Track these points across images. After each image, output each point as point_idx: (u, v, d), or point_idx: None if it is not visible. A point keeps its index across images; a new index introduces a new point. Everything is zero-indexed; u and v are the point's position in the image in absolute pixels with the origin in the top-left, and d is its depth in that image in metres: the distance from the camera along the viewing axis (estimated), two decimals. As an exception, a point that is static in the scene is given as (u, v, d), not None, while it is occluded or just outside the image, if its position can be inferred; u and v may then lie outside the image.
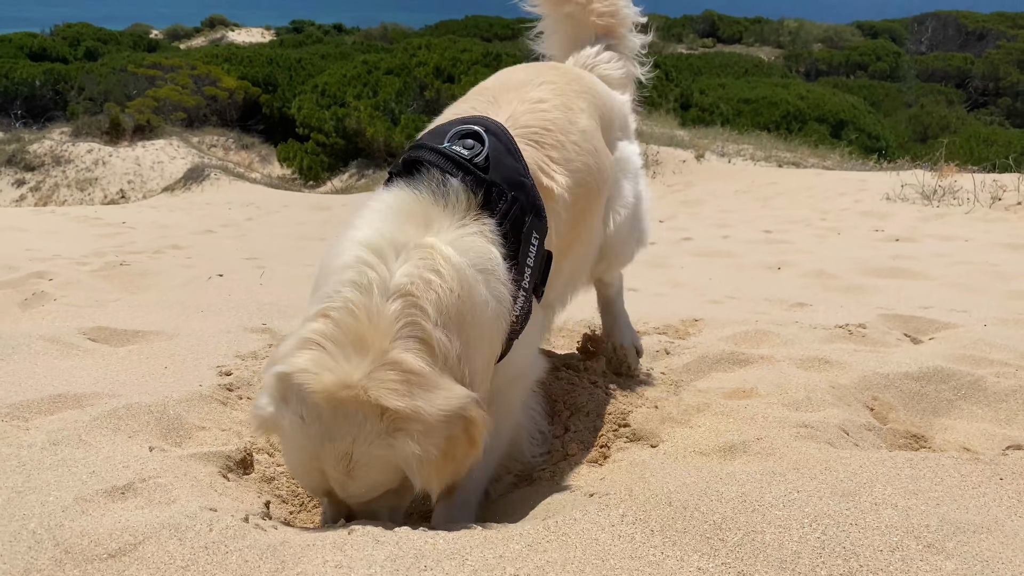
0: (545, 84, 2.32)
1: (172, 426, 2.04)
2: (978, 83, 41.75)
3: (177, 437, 2.02)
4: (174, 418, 2.07)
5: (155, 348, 2.85)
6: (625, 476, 1.82)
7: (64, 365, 2.58)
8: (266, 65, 32.92)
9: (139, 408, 2.06)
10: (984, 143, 29.69)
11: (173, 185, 20.67)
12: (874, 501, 1.61)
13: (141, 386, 2.34)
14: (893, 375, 2.72)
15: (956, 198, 10.86)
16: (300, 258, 7.09)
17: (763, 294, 5.16)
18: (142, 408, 2.07)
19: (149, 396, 2.18)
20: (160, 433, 2.01)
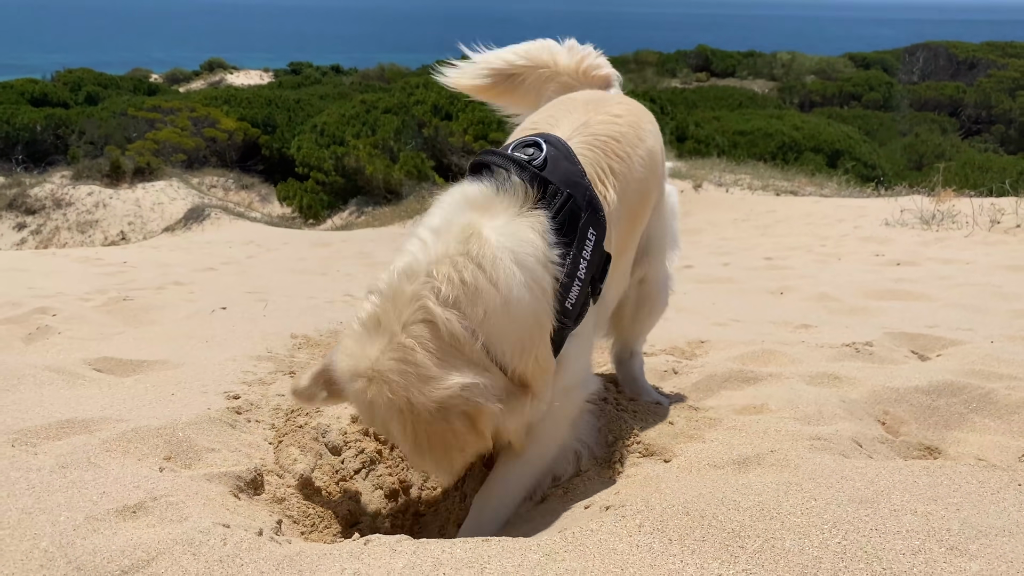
0: (622, 104, 2.48)
1: (181, 448, 2.03)
2: (971, 111, 42.18)
3: (187, 459, 2.00)
4: (183, 440, 2.06)
5: (161, 377, 2.84)
6: (640, 489, 1.80)
7: (70, 394, 2.56)
8: (265, 106, 33.26)
9: (148, 431, 2.05)
10: (979, 170, 29.90)
11: (173, 225, 20.76)
12: (893, 508, 1.60)
13: (149, 411, 2.32)
14: (904, 389, 2.71)
15: (955, 222, 10.90)
16: (302, 291, 7.10)
17: (767, 317, 5.16)
18: (151, 431, 2.05)
19: (157, 420, 2.17)
20: (170, 455, 1.99)
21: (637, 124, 2.42)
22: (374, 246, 13.45)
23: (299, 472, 2.09)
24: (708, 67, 53.25)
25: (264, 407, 2.41)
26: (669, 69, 51.41)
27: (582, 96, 2.55)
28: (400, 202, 22.58)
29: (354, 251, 12.76)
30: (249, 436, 2.22)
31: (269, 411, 2.39)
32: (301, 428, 2.26)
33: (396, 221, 18.81)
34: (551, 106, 2.51)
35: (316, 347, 3.71)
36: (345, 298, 6.26)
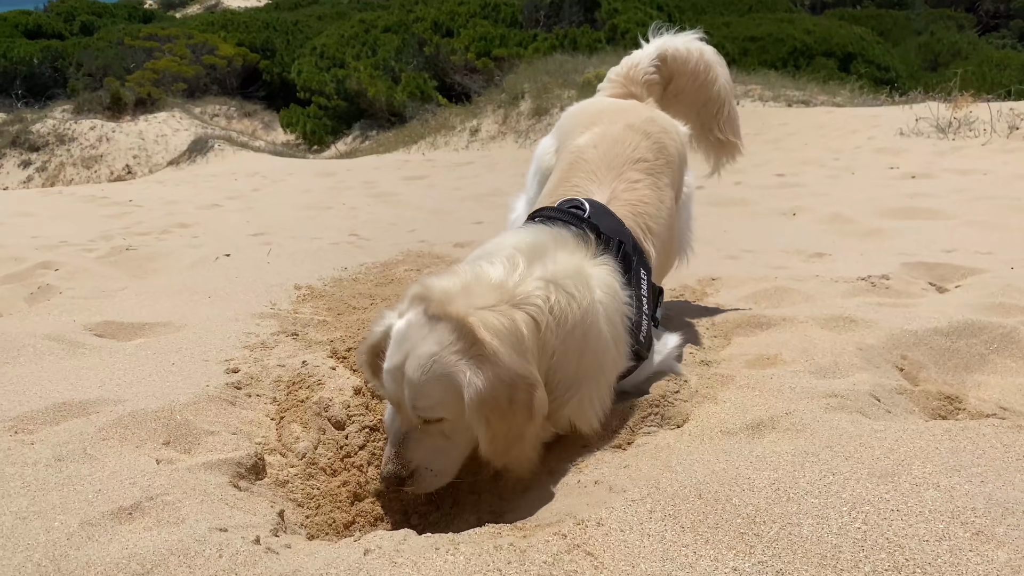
0: (640, 162, 2.65)
1: (180, 432, 1.98)
2: (989, 5, 40.72)
3: (186, 443, 1.95)
4: (181, 423, 2.01)
5: (163, 342, 2.79)
6: (650, 464, 1.75)
7: (70, 366, 2.52)
8: (263, 30, 32.49)
9: (145, 415, 2.00)
10: (997, 67, 29.03)
11: (178, 159, 20.55)
12: (914, 481, 1.53)
13: (147, 387, 2.27)
14: (922, 332, 2.63)
15: (972, 130, 10.60)
16: (307, 230, 7.01)
17: (780, 245, 5.05)
18: (148, 415, 2.00)
19: (155, 400, 2.12)
20: (168, 439, 1.95)
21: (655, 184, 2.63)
22: (378, 174, 13.27)
23: (301, 451, 2.04)
24: (716, -31, 51.42)
25: (265, 380, 2.36)
26: (676, -27, 49.66)
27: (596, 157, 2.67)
28: (404, 125, 22.21)
29: (359, 180, 12.60)
30: (250, 413, 2.18)
31: (270, 384, 2.34)
32: (303, 403, 2.21)
33: (400, 146, 18.53)
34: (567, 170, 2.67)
35: (320, 298, 3.65)
36: (351, 239, 6.18)
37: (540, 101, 16.12)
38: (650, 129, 2.77)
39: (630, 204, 2.49)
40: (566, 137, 2.85)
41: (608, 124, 2.76)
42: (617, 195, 2.51)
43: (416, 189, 10.82)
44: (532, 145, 14.83)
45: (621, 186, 2.55)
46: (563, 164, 2.70)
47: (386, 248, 5.45)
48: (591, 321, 1.98)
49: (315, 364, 2.40)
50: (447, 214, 8.04)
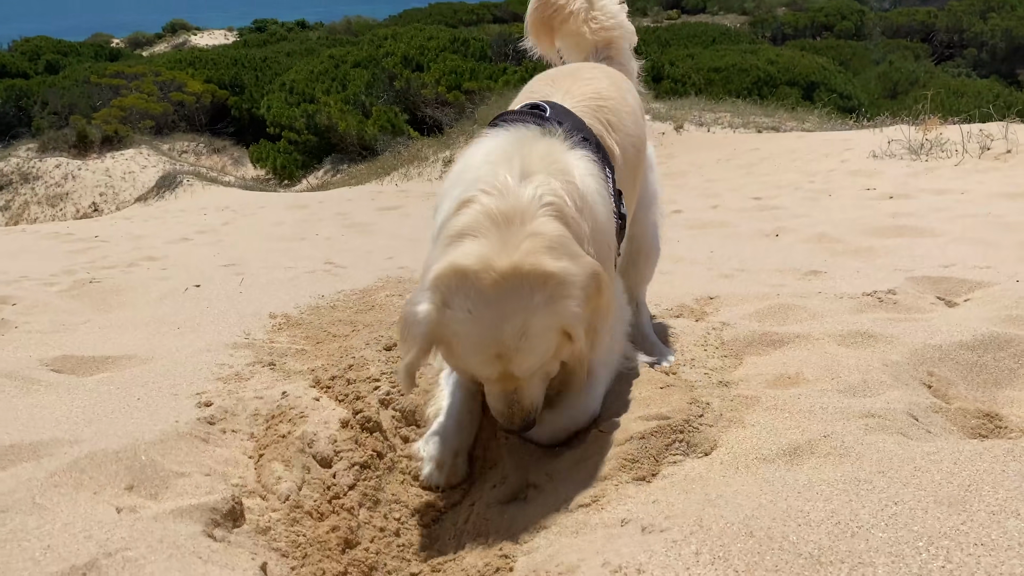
0: (596, 70, 2.67)
1: (145, 475, 1.74)
2: (943, 36, 41.81)
3: (152, 487, 1.71)
4: (147, 464, 1.77)
5: (127, 376, 2.54)
6: (684, 498, 1.55)
7: (22, 404, 2.27)
8: (231, 66, 32.34)
9: (105, 456, 1.76)
10: (955, 95, 29.71)
11: (146, 194, 20.20)
12: (990, 509, 1.35)
13: (109, 426, 2.03)
14: (947, 346, 2.46)
15: (944, 151, 10.64)
16: (280, 260, 6.77)
17: (771, 264, 4.91)
18: (109, 455, 1.76)
19: (117, 439, 1.88)
20: (132, 484, 1.71)
21: (616, 86, 2.60)
22: (352, 206, 13.07)
23: (284, 492, 1.81)
24: (679, 4, 52.44)
25: (241, 413, 2.13)
26: (640, 8, 50.53)
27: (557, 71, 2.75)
28: (375, 158, 22.05)
29: (332, 212, 12.38)
30: (225, 451, 1.94)
31: (247, 418, 2.11)
32: (284, 438, 1.98)
33: (372, 178, 18.34)
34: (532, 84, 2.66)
35: (297, 327, 3.42)
36: (327, 267, 5.95)
37: (513, 131, 16.05)
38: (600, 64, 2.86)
39: (587, 98, 2.39)
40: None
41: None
42: (571, 91, 2.43)
43: (391, 219, 10.63)
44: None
45: (577, 86, 2.47)
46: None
47: (364, 275, 5.23)
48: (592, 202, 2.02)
49: (296, 395, 2.17)
50: (424, 241, 7.80)
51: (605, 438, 1.86)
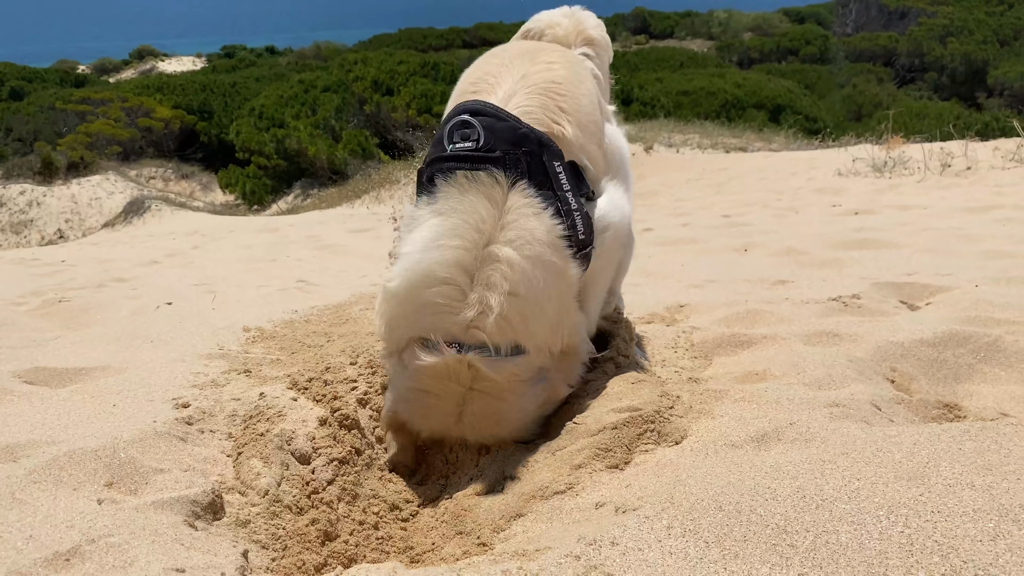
0: (554, 51, 2.58)
1: (125, 471, 1.75)
2: (904, 60, 42.82)
3: (132, 484, 1.73)
4: (126, 461, 1.78)
5: (101, 385, 2.54)
6: (656, 481, 1.59)
7: (-4, 413, 2.26)
8: (200, 92, 32.24)
9: (84, 454, 1.77)
10: (917, 117, 30.43)
11: (113, 220, 20.02)
12: (947, 483, 1.41)
13: (86, 428, 2.03)
14: (909, 343, 2.54)
15: (907, 168, 10.91)
16: (252, 279, 6.75)
17: (740, 275, 5.00)
18: (87, 453, 1.77)
19: (96, 439, 1.88)
20: (111, 480, 1.72)
21: (572, 68, 2.52)
22: (323, 228, 13.05)
23: (263, 488, 1.83)
24: (647, 29, 53.23)
25: (219, 414, 2.14)
26: (609, 33, 51.08)
27: (515, 48, 2.65)
28: (346, 182, 22.05)
29: (303, 235, 12.35)
30: (203, 449, 1.95)
31: (224, 418, 2.12)
32: (263, 436, 2.00)
33: (343, 202, 18.33)
34: (485, 61, 2.57)
35: (271, 340, 3.43)
36: (299, 284, 5.95)
37: (484, 153, 16.17)
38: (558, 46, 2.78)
39: (541, 85, 2.31)
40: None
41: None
42: (530, 75, 2.35)
43: (363, 240, 10.64)
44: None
45: (534, 68, 2.38)
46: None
47: (338, 292, 5.24)
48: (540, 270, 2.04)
49: (274, 396, 2.19)
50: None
51: (579, 429, 1.90)
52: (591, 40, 3.01)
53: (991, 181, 9.38)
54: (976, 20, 44.32)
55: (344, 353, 2.58)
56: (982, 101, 37.94)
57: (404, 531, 1.81)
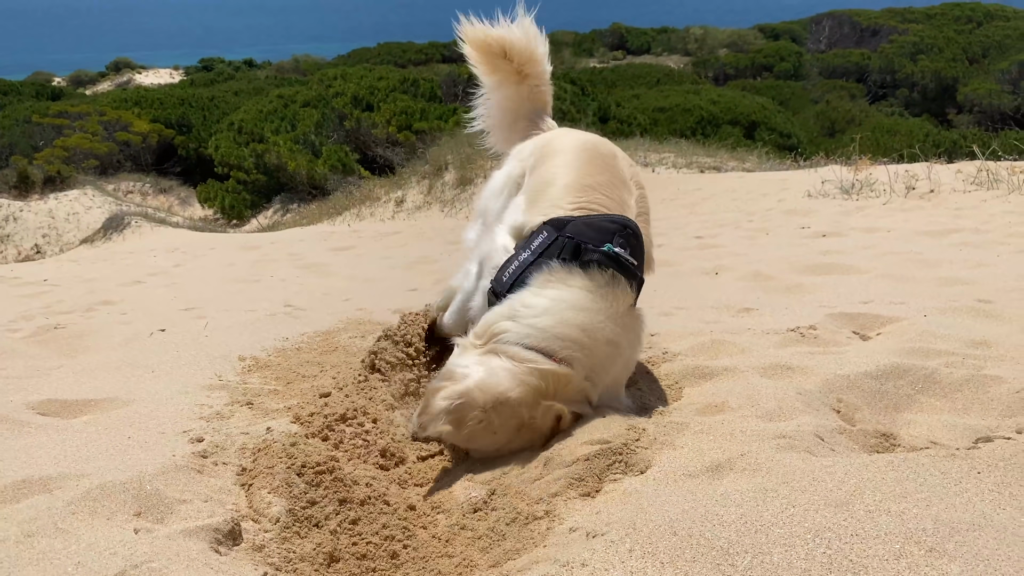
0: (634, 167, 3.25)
1: (152, 502, 1.96)
2: (876, 77, 43.66)
3: (159, 513, 1.94)
4: (152, 493, 1.99)
5: (112, 417, 2.74)
6: (622, 508, 1.83)
7: (19, 445, 2.46)
8: (178, 106, 32.27)
9: (113, 487, 1.98)
10: (888, 133, 31.06)
11: (92, 236, 20.03)
12: (868, 509, 1.65)
13: (109, 461, 2.24)
14: (854, 375, 2.80)
15: (873, 190, 11.27)
16: (239, 303, 6.93)
17: (709, 302, 5.26)
18: (117, 486, 1.98)
19: (121, 472, 2.09)
20: (140, 511, 1.93)
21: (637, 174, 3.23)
22: (304, 246, 13.21)
23: (275, 515, 2.05)
24: (624, 45, 53.83)
25: (229, 447, 2.35)
26: (586, 49, 51.80)
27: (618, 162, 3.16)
28: (326, 198, 22.21)
29: (284, 253, 12.51)
30: (218, 481, 2.17)
31: (235, 451, 2.34)
32: (271, 469, 2.21)
33: (324, 219, 18.50)
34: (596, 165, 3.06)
35: (266, 369, 3.64)
36: (287, 309, 6.15)
37: (464, 171, 16.43)
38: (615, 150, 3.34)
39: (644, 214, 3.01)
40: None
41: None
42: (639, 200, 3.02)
43: (345, 259, 10.83)
44: (458, 214, 15.07)
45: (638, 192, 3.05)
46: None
47: (324, 317, 5.45)
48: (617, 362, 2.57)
49: (280, 430, 2.41)
50: (380, 282, 8.08)
51: (555, 460, 2.14)
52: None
53: (952, 204, 9.75)
54: (946, 38, 45.32)
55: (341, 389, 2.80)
56: (952, 117, 38.76)
57: (394, 558, 2.03)
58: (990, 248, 6.59)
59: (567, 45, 50.98)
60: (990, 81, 38.69)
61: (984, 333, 3.40)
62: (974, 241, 7.18)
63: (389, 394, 2.82)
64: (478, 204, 3.59)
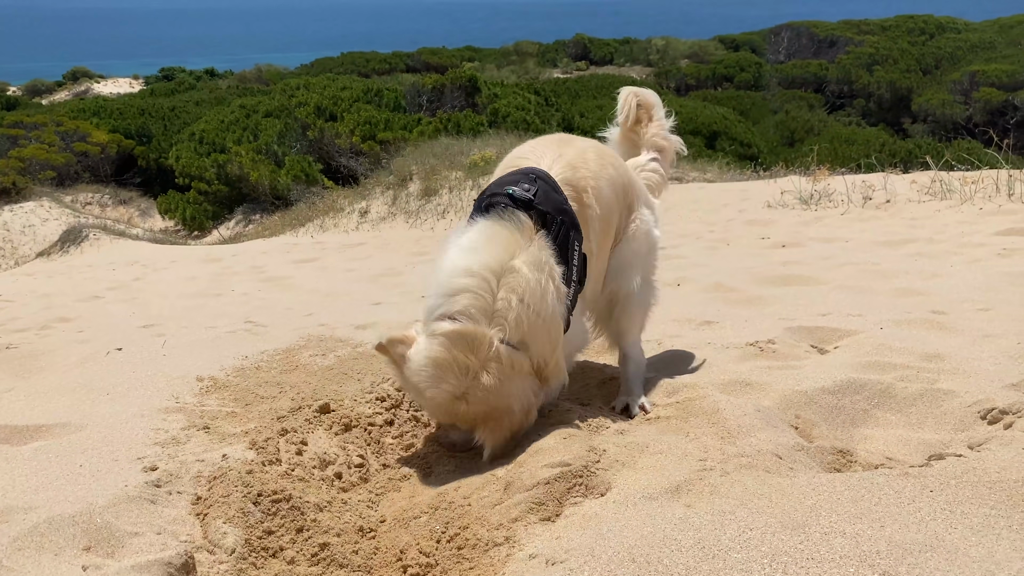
0: (588, 141, 3.24)
1: (102, 535, 1.92)
2: (834, 87, 44.48)
3: (109, 547, 1.89)
4: (102, 526, 1.94)
5: (64, 444, 2.68)
6: (581, 534, 1.82)
7: (-35, 475, 2.39)
8: (138, 116, 31.85)
9: (62, 520, 1.93)
10: (846, 143, 31.63)
11: (49, 249, 19.62)
12: (823, 531, 1.67)
13: (58, 492, 2.19)
14: (811, 391, 2.84)
15: (831, 200, 11.45)
16: (199, 319, 6.84)
17: (671, 314, 5.29)
18: (66, 520, 1.93)
19: (71, 504, 2.04)
20: (89, 545, 1.88)
21: (601, 159, 3.12)
22: (266, 259, 13.07)
23: (230, 546, 2.01)
24: (587, 55, 54.22)
25: (184, 476, 2.31)
26: (550, 59, 52.10)
27: (555, 136, 3.27)
28: (289, 208, 22.01)
29: (246, 266, 12.36)
30: (172, 511, 2.12)
31: (190, 480, 2.29)
32: (226, 498, 2.18)
33: (287, 230, 18.32)
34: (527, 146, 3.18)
35: (225, 389, 3.58)
36: (247, 325, 6.07)
37: (429, 182, 16.40)
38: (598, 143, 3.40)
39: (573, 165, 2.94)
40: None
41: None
42: (564, 155, 2.98)
43: (308, 272, 10.73)
44: (423, 225, 15.03)
45: (571, 151, 3.03)
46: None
47: (285, 334, 5.38)
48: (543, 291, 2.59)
49: (236, 457, 2.37)
50: (343, 296, 8.01)
51: (515, 484, 2.13)
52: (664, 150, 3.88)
53: (908, 214, 9.94)
54: (900, 49, 46.34)
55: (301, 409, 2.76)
56: (907, 126, 39.59)
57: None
58: (944, 258, 6.73)
59: (531, 56, 51.28)
60: (943, 91, 39.61)
61: (937, 346, 3.46)
62: (929, 251, 7.32)
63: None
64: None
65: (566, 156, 2.99)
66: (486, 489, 2.22)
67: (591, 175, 2.98)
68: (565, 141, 3.16)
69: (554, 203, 2.76)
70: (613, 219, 3.11)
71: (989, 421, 2.59)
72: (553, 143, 3.12)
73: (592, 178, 2.98)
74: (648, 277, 3.41)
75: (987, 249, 6.76)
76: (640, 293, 3.30)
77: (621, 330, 3.26)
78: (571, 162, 2.98)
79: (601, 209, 2.98)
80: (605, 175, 3.06)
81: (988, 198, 9.07)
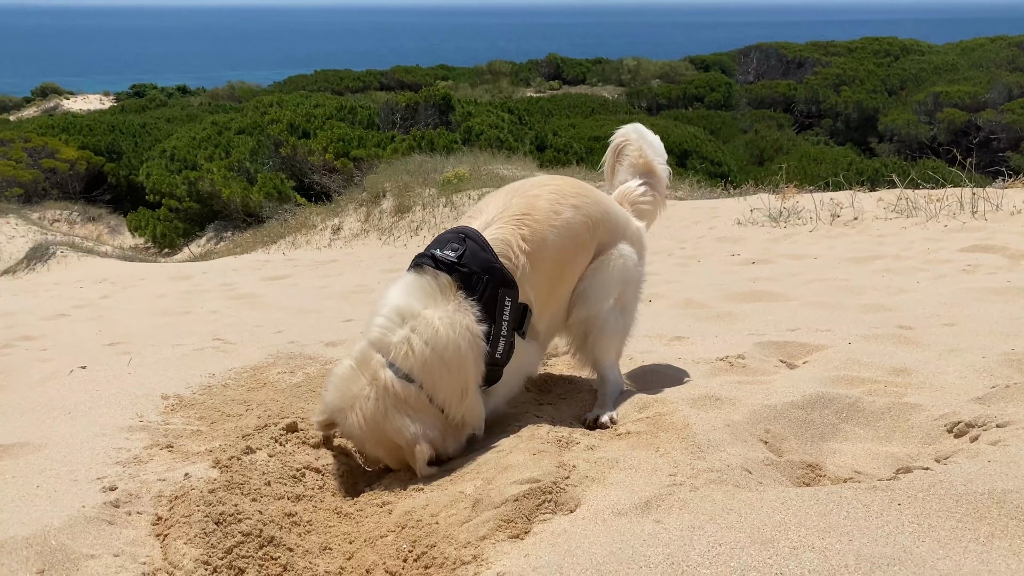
0: (547, 186, 3.16)
1: (56, 559, 1.86)
2: (802, 107, 45.21)
3: (64, 570, 1.83)
4: (57, 548, 1.89)
5: (21, 464, 2.61)
6: (550, 551, 1.80)
7: (-84, 497, 2.31)
8: (108, 132, 31.53)
9: (15, 543, 1.87)
10: (815, 161, 32.12)
11: (14, 267, 19.28)
12: (792, 545, 1.66)
13: (12, 514, 2.12)
14: (780, 406, 2.84)
15: (800, 218, 11.58)
16: (167, 336, 6.74)
17: (643, 329, 5.29)
18: (19, 542, 1.87)
19: (24, 526, 1.98)
20: (43, 568, 1.82)
21: (556, 202, 3.09)
22: (237, 276, 12.94)
23: (189, 568, 1.96)
24: (560, 75, 54.62)
25: (144, 496, 2.25)
26: (523, 78, 52.42)
27: (511, 186, 3.24)
28: (261, 225, 21.85)
29: (217, 283, 12.23)
30: (132, 532, 2.07)
31: (150, 500, 2.24)
32: (188, 518, 2.12)
33: (258, 247, 18.17)
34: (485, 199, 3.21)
35: (190, 407, 3.52)
36: (215, 343, 5.99)
37: (402, 199, 16.37)
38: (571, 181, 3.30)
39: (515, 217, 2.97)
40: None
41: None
42: (510, 207, 3.02)
43: (279, 289, 10.63)
44: (396, 242, 14.98)
45: (518, 200, 3.05)
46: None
47: (254, 351, 5.31)
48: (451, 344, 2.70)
49: (198, 476, 2.32)
50: (314, 313, 7.95)
51: (484, 502, 2.10)
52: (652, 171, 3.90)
53: (875, 231, 10.08)
54: (866, 70, 47.22)
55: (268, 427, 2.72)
56: (874, 146, 40.25)
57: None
58: (910, 274, 6.81)
59: (505, 75, 51.52)
60: (908, 112, 40.37)
61: (904, 360, 3.49)
62: (895, 268, 7.42)
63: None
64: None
65: (512, 208, 3.02)
66: (454, 507, 2.19)
67: (534, 223, 2.98)
68: (516, 191, 3.15)
69: (481, 262, 2.83)
70: (569, 259, 3.12)
71: (955, 434, 2.61)
72: (502, 195, 3.14)
73: (534, 228, 2.98)
74: (623, 305, 3.38)
75: (952, 265, 6.87)
76: (613, 321, 3.28)
77: (596, 358, 3.28)
78: (515, 214, 2.99)
79: (543, 263, 2.99)
80: (557, 221, 3.04)
81: (953, 216, 9.23)
